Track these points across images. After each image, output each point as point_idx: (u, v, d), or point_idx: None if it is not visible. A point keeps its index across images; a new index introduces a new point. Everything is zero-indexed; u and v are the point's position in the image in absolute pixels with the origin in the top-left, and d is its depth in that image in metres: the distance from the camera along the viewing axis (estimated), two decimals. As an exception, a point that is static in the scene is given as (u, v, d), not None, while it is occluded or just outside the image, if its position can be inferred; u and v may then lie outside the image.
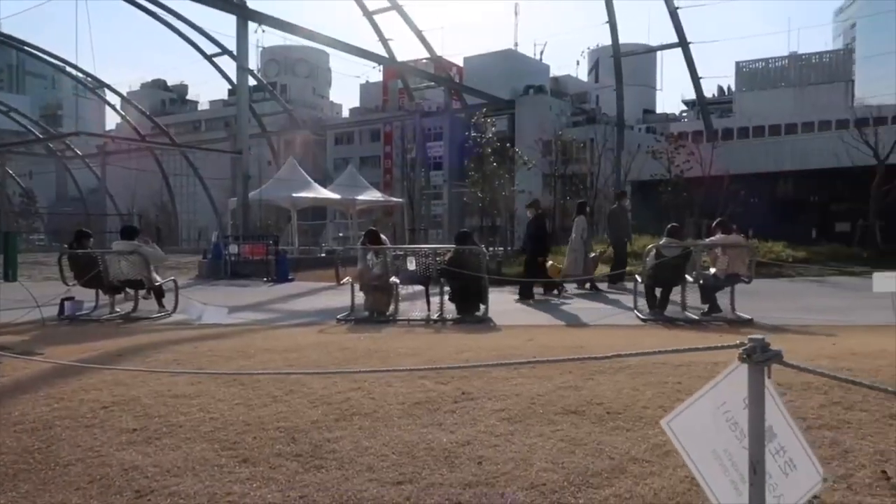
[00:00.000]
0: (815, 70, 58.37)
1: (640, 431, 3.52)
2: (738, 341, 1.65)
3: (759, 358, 1.59)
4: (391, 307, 9.70)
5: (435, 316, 9.40)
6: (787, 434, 1.63)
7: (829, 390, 3.90)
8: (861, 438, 3.28)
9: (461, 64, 58.12)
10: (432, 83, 46.00)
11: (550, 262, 13.11)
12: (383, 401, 4.20)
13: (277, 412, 4.07)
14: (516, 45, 77.57)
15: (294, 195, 25.10)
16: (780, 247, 18.22)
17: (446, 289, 9.60)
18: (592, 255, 13.61)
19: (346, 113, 77.96)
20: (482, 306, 9.45)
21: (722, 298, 9.18)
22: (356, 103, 77.80)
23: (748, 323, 8.47)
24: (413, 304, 10.22)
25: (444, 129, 47.60)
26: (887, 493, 2.73)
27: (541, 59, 62.58)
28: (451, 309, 9.58)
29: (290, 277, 17.71)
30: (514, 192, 25.79)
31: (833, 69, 58.01)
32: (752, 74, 61.12)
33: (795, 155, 23.89)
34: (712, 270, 9.36)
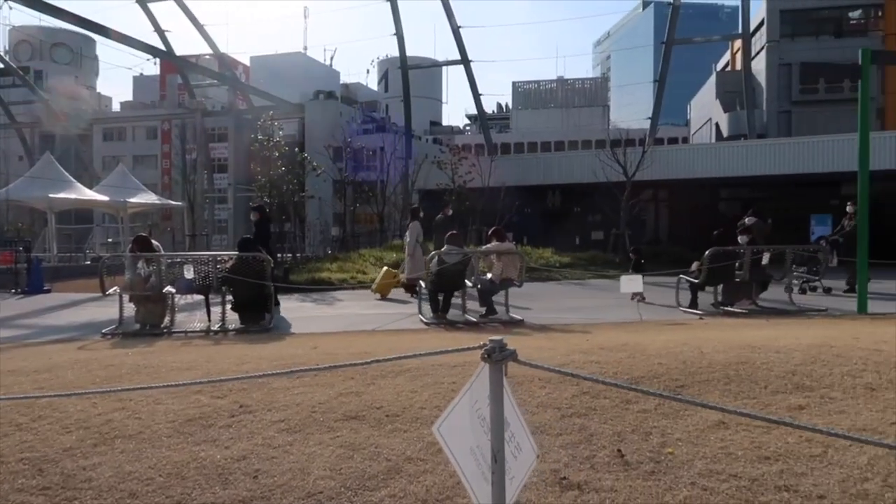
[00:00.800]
0: (578, 94, 65.14)
1: (416, 432, 3.66)
2: (481, 343, 1.80)
3: (498, 357, 1.76)
4: (166, 319, 9.05)
5: (216, 327, 8.94)
6: (516, 422, 1.83)
7: (581, 381, 4.37)
8: (604, 423, 3.73)
9: (248, 63, 56.03)
10: (215, 81, 43.74)
11: (385, 268, 13.90)
12: (151, 420, 3.91)
13: (21, 441, 3.61)
14: (306, 48, 76.57)
15: (51, 195, 22.38)
16: (548, 253, 20.05)
17: (228, 298, 9.19)
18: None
19: (116, 107, 71.12)
20: (267, 315, 9.19)
21: (499, 301, 9.88)
22: (129, 97, 71.36)
23: (520, 323, 9.20)
24: (192, 315, 9.63)
25: (230, 129, 45.50)
26: (621, 469, 3.14)
27: (331, 65, 62.48)
28: (234, 319, 9.18)
29: (45, 288, 15.74)
30: (304, 198, 25.43)
31: (593, 94, 65.21)
32: (526, 94, 66.57)
33: (562, 170, 26.42)
34: (489, 275, 10.03)
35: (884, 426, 3.63)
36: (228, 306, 9.16)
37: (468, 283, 9.89)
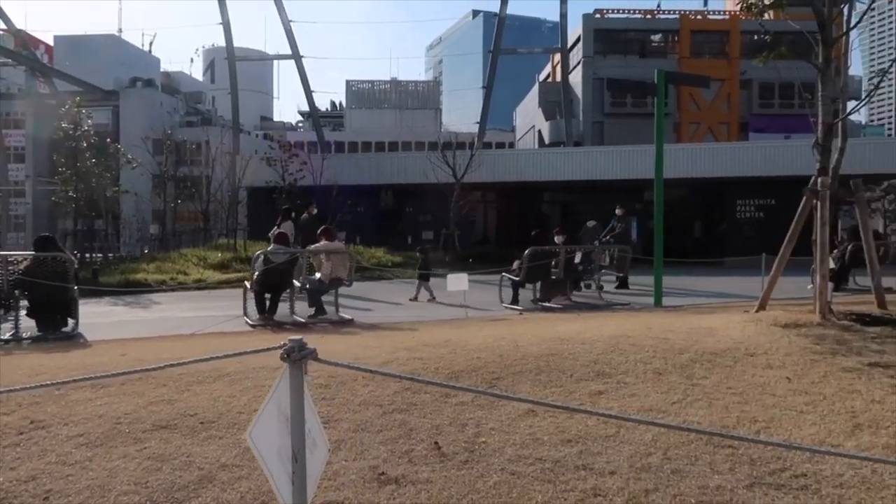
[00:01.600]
0: (411, 96, 66.08)
1: (232, 438, 3.53)
2: (281, 343, 1.79)
3: (297, 357, 1.76)
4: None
5: (7, 335, 7.99)
6: (312, 420, 1.85)
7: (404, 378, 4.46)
8: (423, 417, 3.84)
9: (51, 42, 50.56)
10: (10, 60, 38.99)
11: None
12: (-84, 444, 3.42)
13: None
14: (120, 31, 70.69)
15: None
16: (381, 252, 20.19)
17: (24, 303, 8.25)
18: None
19: None
20: (70, 321, 8.37)
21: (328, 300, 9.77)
22: None
23: (349, 323, 9.17)
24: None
25: (27, 115, 40.76)
26: (437, 460, 3.25)
27: (150, 52, 58.06)
28: (31, 326, 8.26)
29: None
30: (117, 193, 23.46)
31: (426, 97, 66.48)
32: (360, 94, 66.37)
33: (395, 170, 26.70)
34: (318, 275, 9.90)
35: (667, 405, 4.09)
36: (23, 312, 8.23)
37: (296, 282, 9.69)
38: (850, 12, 7.24)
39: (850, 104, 9.64)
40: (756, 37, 26.49)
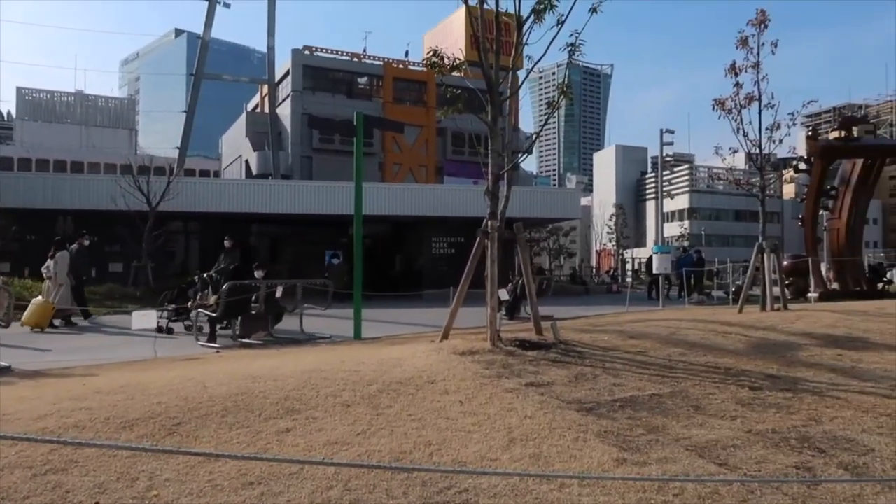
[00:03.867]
0: (101, 112, 59.79)
1: None
2: None
3: None
4: None
5: None
6: None
7: (62, 433, 3.93)
8: (84, 475, 3.41)
9: None
10: None
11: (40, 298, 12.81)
12: None
13: None
14: None
15: None
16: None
17: None
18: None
19: None
20: None
21: None
22: None
23: (6, 371, 7.82)
24: None
25: None
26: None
27: None
28: None
29: None
30: None
31: (118, 115, 60.69)
32: (36, 104, 58.07)
33: (76, 193, 23.69)
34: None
35: (352, 437, 4.22)
36: None
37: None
38: (512, 78, 8.44)
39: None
40: (448, 91, 29.40)
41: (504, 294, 12.66)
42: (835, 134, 20.26)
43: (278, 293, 10.73)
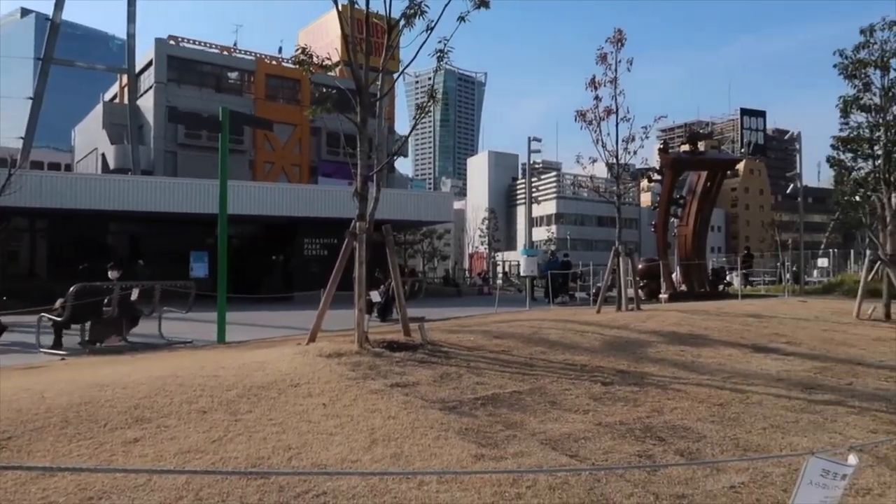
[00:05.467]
0: (-70, 96, 53.49)
1: None
2: None
3: None
4: None
5: None
6: None
7: None
8: None
9: None
10: None
11: None
12: None
13: None
14: None
15: None
16: None
17: None
18: None
19: None
20: None
21: None
22: None
23: None
24: None
25: None
26: None
27: None
28: None
29: None
30: None
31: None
32: None
33: None
34: None
35: (207, 444, 4.05)
36: None
37: None
38: (384, 80, 8.47)
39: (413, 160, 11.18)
40: (324, 89, 28.96)
41: (376, 296, 12.65)
42: (684, 148, 22.01)
43: (133, 295, 10.09)
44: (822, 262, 33.01)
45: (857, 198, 13.80)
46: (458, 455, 4.04)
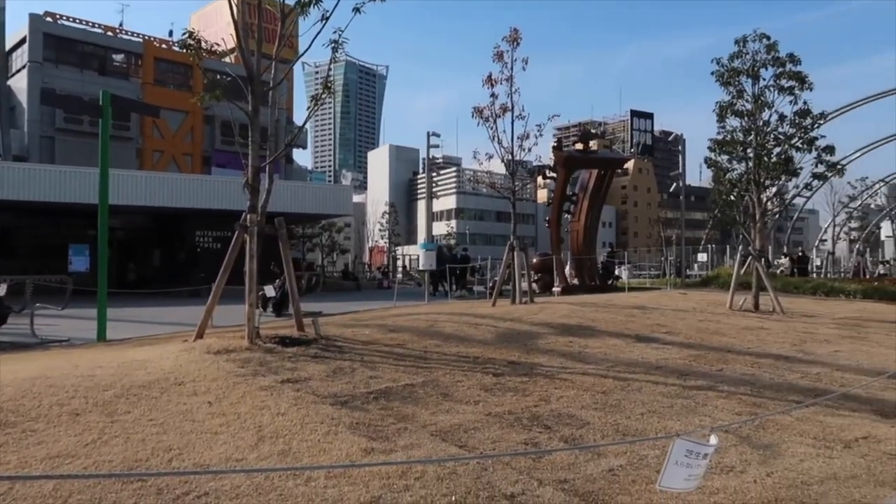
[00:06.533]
0: None
1: None
2: None
3: None
4: None
5: None
6: None
7: None
8: None
9: None
10: None
11: None
12: None
13: None
14: None
15: None
16: None
17: None
18: None
19: None
20: None
21: None
22: None
23: None
24: None
25: None
26: None
27: None
28: None
29: None
30: None
31: None
32: None
33: None
34: None
35: (79, 448, 3.82)
36: None
37: None
38: (278, 69, 8.24)
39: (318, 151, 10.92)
40: (217, 75, 27.79)
41: (271, 291, 12.34)
42: (577, 146, 22.82)
43: (1, 291, 9.34)
44: (702, 256, 35.22)
45: (732, 197, 14.80)
46: (348, 450, 4.02)
